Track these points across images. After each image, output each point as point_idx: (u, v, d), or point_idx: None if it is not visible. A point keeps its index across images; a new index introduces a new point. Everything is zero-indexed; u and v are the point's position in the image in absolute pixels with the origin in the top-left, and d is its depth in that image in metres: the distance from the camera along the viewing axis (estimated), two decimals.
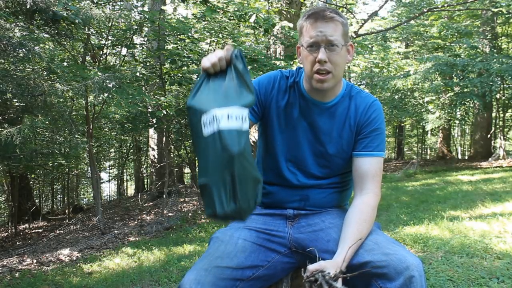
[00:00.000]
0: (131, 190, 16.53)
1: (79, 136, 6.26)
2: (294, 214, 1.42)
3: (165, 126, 7.33)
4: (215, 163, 1.07)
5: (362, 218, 1.27)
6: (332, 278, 1.06)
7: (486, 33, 12.49)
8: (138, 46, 7.47)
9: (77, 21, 4.65)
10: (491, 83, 9.76)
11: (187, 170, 13.54)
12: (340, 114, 1.38)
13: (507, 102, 12.54)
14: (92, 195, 13.25)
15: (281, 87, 1.42)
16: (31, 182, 10.48)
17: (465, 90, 10.91)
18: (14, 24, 4.01)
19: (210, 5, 5.67)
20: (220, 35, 6.72)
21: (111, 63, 7.70)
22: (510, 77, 9.67)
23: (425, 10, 9.74)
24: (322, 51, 1.25)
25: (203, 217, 6.77)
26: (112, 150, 14.59)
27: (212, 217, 1.10)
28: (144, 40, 7.45)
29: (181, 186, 11.36)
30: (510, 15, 10.34)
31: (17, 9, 4.19)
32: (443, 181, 8.46)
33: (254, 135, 5.43)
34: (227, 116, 1.07)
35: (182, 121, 7.61)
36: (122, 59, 7.27)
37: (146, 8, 8.00)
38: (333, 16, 1.27)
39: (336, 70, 1.29)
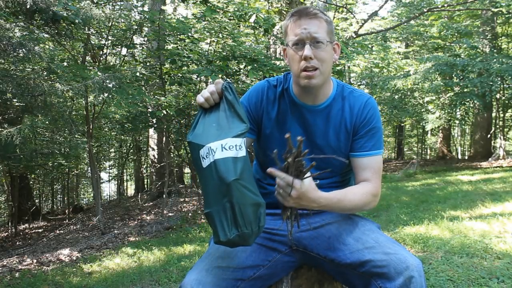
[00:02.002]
0: (131, 190, 16.52)
1: (79, 136, 6.27)
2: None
3: (165, 126, 7.33)
4: (214, 192, 1.12)
5: (354, 190, 1.30)
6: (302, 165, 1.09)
7: (486, 33, 12.48)
8: (138, 46, 7.46)
9: (77, 21, 4.66)
10: (491, 83, 9.76)
11: (187, 170, 13.54)
12: (335, 116, 1.37)
13: (507, 102, 12.53)
14: (92, 195, 13.27)
15: (270, 97, 1.42)
16: (31, 182, 10.47)
17: (465, 90, 10.90)
18: (14, 24, 4.01)
19: (210, 5, 5.67)
20: (220, 35, 6.71)
21: (111, 63, 7.69)
22: (510, 77, 9.67)
23: (425, 10, 9.76)
24: (307, 48, 1.25)
25: (203, 217, 6.76)
26: (112, 150, 14.57)
27: (219, 243, 1.14)
28: (144, 40, 7.44)
29: (181, 186, 11.35)
30: (510, 15, 10.34)
31: (17, 9, 4.20)
32: (443, 181, 8.46)
33: None
34: (221, 148, 1.12)
35: (182, 121, 7.61)
36: (122, 59, 7.27)
37: (146, 8, 7.98)
38: (317, 13, 1.27)
39: (323, 67, 1.28)
